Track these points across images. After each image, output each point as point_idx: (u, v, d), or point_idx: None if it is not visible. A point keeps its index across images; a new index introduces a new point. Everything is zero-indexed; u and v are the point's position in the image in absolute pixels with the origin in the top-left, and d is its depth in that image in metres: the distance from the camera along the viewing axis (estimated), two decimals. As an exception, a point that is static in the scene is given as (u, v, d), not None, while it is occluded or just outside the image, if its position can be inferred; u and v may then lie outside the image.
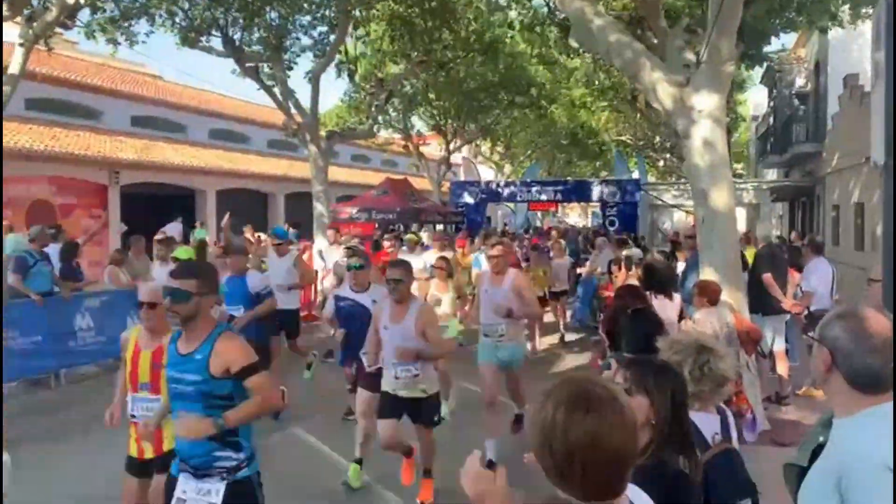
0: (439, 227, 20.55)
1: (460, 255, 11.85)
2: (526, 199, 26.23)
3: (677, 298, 6.26)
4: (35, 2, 11.24)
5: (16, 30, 11.02)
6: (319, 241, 13.96)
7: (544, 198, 25.65)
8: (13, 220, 14.83)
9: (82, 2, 11.59)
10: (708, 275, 6.46)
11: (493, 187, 26.53)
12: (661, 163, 37.03)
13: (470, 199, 24.95)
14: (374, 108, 18.46)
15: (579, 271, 12.82)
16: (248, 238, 12.90)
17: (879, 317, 1.85)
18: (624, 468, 1.48)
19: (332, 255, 10.41)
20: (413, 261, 7.02)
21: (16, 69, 10.46)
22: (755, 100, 37.55)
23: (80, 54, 23.51)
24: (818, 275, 7.84)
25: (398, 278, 5.01)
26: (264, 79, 15.56)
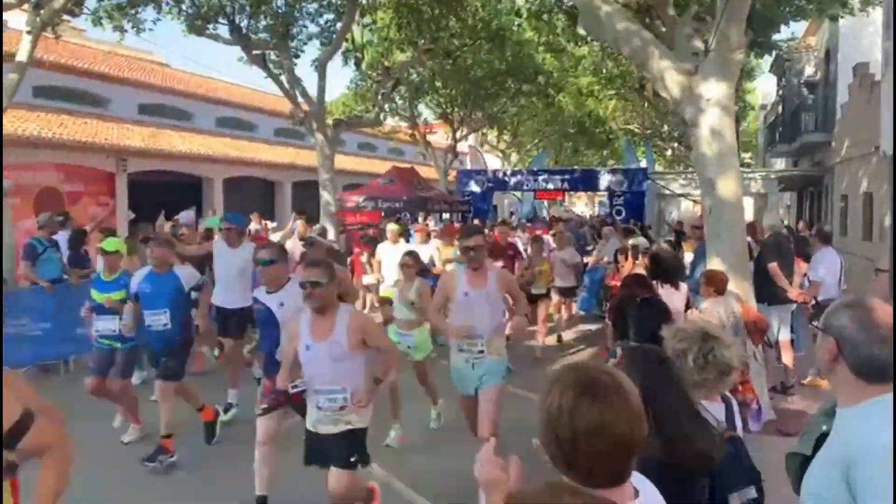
0: (445, 215, 20.54)
1: (441, 246, 10.49)
2: (532, 188, 26.18)
3: (684, 288, 6.26)
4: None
5: (23, 17, 11.04)
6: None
7: (551, 187, 25.58)
8: (21, 208, 14.92)
9: (89, -11, 11.62)
10: (715, 264, 6.45)
11: (500, 176, 26.47)
12: (669, 152, 36.85)
13: (476, 188, 24.92)
14: (380, 97, 18.42)
15: (586, 260, 12.71)
16: (253, 226, 12.79)
17: (886, 306, 1.85)
18: (630, 455, 1.49)
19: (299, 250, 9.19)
20: (393, 255, 6.50)
21: (23, 57, 10.47)
22: (764, 88, 37.36)
23: (87, 42, 23.50)
24: (826, 265, 7.82)
25: (315, 280, 3.86)
26: (271, 67, 15.53)
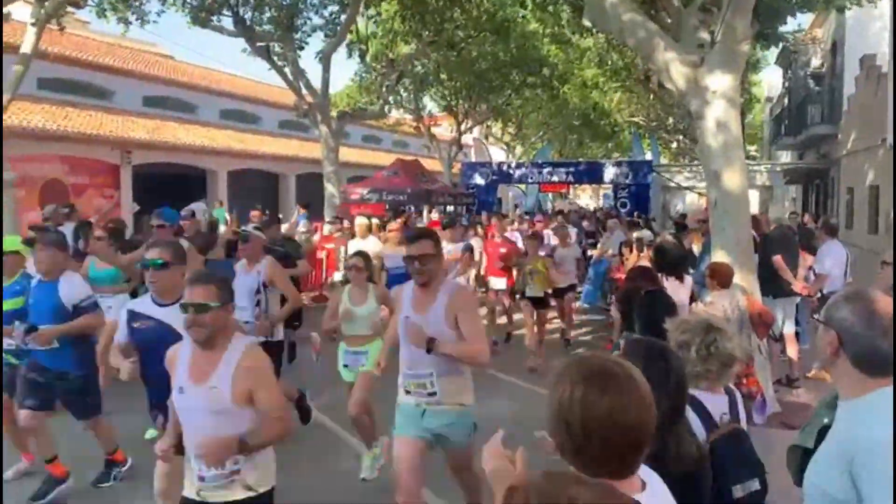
0: (450, 208, 20.50)
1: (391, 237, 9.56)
2: (537, 180, 26.11)
3: (689, 280, 6.25)
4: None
5: (28, 9, 11.05)
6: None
7: (556, 179, 25.51)
8: (26, 199, 14.95)
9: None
10: (720, 257, 6.42)
11: (505, 168, 26.40)
12: (675, 144, 36.75)
13: (481, 181, 24.86)
14: (384, 89, 18.41)
15: (589, 253, 12.68)
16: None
17: (887, 299, 1.84)
18: (639, 446, 1.48)
19: None
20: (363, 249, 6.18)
21: (28, 49, 10.49)
22: (770, 80, 37.18)
23: (91, 34, 23.52)
24: (832, 257, 7.79)
25: (200, 303, 2.81)
26: (275, 59, 15.53)
